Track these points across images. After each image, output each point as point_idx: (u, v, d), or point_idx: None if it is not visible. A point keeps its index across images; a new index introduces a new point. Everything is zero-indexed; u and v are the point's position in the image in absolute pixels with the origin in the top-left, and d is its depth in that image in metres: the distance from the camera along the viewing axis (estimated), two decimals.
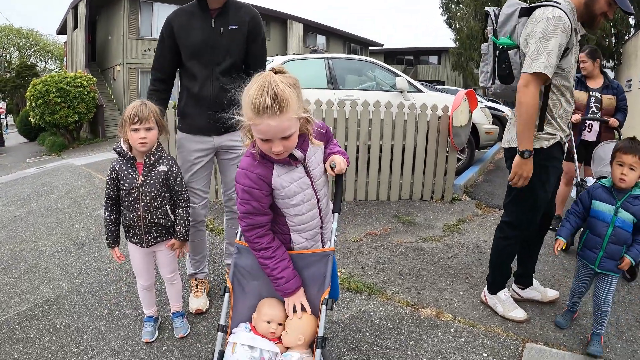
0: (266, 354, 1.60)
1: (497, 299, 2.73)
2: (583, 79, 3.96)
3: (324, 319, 1.61)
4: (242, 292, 1.77)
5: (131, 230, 2.35)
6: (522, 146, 2.24)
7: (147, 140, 2.21)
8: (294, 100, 1.42)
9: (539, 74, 2.11)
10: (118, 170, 2.29)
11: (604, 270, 2.30)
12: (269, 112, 1.38)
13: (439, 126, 4.93)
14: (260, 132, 1.44)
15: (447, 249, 3.74)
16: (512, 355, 2.32)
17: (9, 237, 4.44)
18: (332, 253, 1.71)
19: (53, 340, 2.56)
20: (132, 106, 2.21)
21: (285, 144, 1.48)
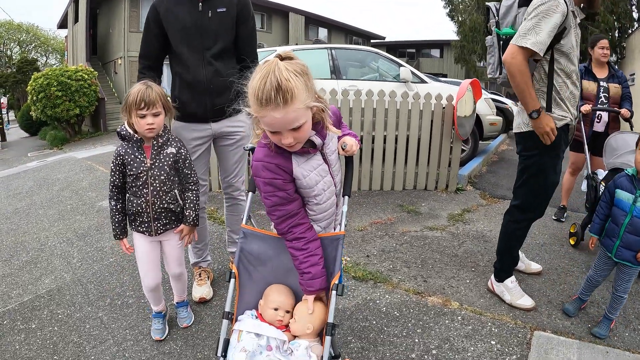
0: (273, 342, 1.55)
1: (505, 286, 2.71)
2: (590, 67, 3.90)
3: (333, 305, 1.54)
4: (249, 278, 1.72)
5: (138, 218, 2.22)
6: (529, 109, 2.25)
7: (155, 126, 2.09)
8: (300, 89, 1.31)
9: (526, 49, 2.13)
10: (124, 155, 2.15)
11: (620, 259, 2.28)
12: (272, 104, 1.29)
13: (443, 116, 4.87)
14: (266, 125, 1.37)
15: (452, 238, 3.70)
16: (520, 343, 2.29)
17: (10, 230, 4.41)
18: (342, 237, 1.66)
19: (55, 331, 2.54)
20: (137, 90, 2.06)
21: (296, 136, 1.39)
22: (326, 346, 1.48)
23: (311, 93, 1.38)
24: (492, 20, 2.47)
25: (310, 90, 1.37)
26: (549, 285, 2.90)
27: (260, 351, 1.51)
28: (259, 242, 1.72)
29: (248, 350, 1.49)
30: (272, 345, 1.54)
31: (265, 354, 1.50)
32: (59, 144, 12.12)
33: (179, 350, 2.30)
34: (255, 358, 1.49)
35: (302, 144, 1.47)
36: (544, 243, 3.60)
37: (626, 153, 3.11)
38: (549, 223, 4.07)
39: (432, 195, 4.92)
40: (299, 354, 1.51)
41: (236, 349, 1.50)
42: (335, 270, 1.61)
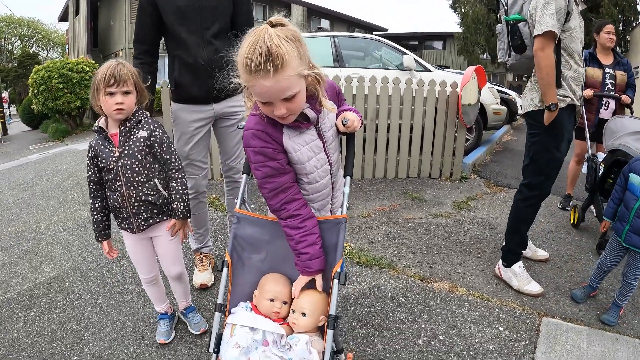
0: (270, 336, 1.42)
1: (512, 272, 2.68)
2: (595, 53, 3.82)
3: (335, 295, 1.39)
4: (242, 267, 1.59)
5: (119, 214, 2.01)
6: (549, 100, 2.38)
7: (125, 107, 1.86)
8: (292, 55, 1.21)
9: (549, 32, 2.27)
10: (95, 146, 1.95)
11: (629, 244, 2.25)
12: (262, 72, 1.19)
13: (447, 103, 4.80)
14: (257, 95, 1.28)
15: (457, 224, 3.64)
16: (528, 330, 2.25)
17: (11, 220, 4.37)
18: (344, 221, 1.51)
19: (53, 318, 2.50)
20: (107, 65, 1.85)
21: (289, 106, 1.29)
22: (328, 341, 1.36)
23: (304, 61, 1.28)
24: (502, 10, 2.62)
25: (303, 57, 1.27)
26: (556, 272, 2.86)
27: (256, 346, 1.38)
28: (253, 227, 1.59)
29: (242, 346, 1.35)
30: (268, 340, 1.41)
31: (261, 349, 1.38)
32: (60, 137, 12.06)
33: (179, 337, 2.26)
34: (251, 354, 1.35)
35: (295, 116, 1.38)
36: (550, 230, 3.56)
37: (624, 135, 3.12)
38: (555, 211, 4.03)
39: (436, 183, 4.86)
40: (299, 349, 1.38)
41: (229, 345, 1.38)
42: (337, 258, 1.46)
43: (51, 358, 2.15)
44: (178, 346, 2.19)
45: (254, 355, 1.35)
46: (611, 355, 2.08)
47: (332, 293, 1.41)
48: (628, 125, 3.17)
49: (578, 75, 2.45)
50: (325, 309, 1.47)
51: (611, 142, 3.21)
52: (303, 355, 1.37)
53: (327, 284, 1.50)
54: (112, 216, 2.06)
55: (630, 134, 3.07)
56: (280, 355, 1.37)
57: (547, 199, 2.54)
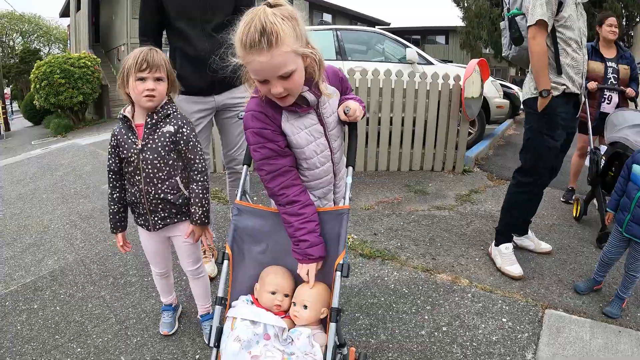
0: (271, 329, 1.38)
1: (498, 251, 2.79)
2: (597, 47, 3.78)
3: (338, 287, 1.37)
4: (243, 260, 1.56)
5: (135, 209, 1.95)
6: (541, 87, 2.47)
7: (156, 93, 1.77)
8: (287, 32, 1.22)
9: (539, 21, 2.38)
10: (117, 135, 1.87)
11: (630, 235, 2.24)
12: (257, 47, 1.20)
13: (450, 96, 4.78)
14: (254, 72, 1.29)
15: (460, 217, 3.63)
16: (532, 321, 2.25)
17: (14, 214, 4.38)
18: (347, 211, 1.49)
19: (57, 311, 2.51)
20: (139, 50, 1.77)
21: (286, 85, 1.28)
22: (331, 334, 1.33)
23: (301, 40, 1.27)
24: (505, 7, 2.74)
25: (299, 36, 1.26)
26: (559, 264, 2.85)
27: (257, 340, 1.35)
28: (254, 218, 1.56)
29: (242, 340, 1.32)
30: (269, 334, 1.37)
31: (263, 343, 1.35)
32: (62, 132, 12.08)
33: (182, 328, 2.27)
34: (251, 348, 1.32)
35: (294, 98, 1.36)
36: (553, 224, 3.55)
37: (624, 128, 3.12)
38: (558, 204, 4.01)
39: (438, 176, 4.85)
40: (301, 343, 1.35)
41: (229, 338, 1.34)
42: (340, 250, 1.44)
43: (55, 350, 2.16)
44: (181, 337, 2.19)
45: (255, 349, 1.32)
46: (614, 348, 2.07)
47: (334, 285, 1.39)
48: (629, 118, 3.17)
49: (577, 63, 2.50)
50: (327, 301, 1.45)
51: (611, 135, 3.21)
52: (305, 349, 1.35)
53: (329, 276, 1.48)
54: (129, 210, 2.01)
55: (630, 126, 3.07)
56: (281, 349, 1.35)
57: (550, 192, 2.55)
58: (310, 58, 1.33)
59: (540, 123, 2.56)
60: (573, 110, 2.63)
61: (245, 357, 1.30)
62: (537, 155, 2.62)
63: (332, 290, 1.43)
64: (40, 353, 2.14)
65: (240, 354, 1.30)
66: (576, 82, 2.53)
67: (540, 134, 2.57)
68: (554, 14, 2.41)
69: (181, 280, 2.70)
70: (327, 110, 1.50)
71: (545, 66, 2.45)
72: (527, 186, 2.70)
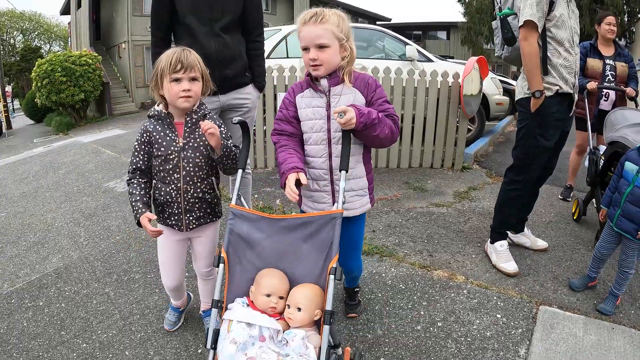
0: (266, 331, 1.43)
1: (493, 248, 2.83)
2: (596, 44, 3.81)
3: (332, 290, 1.43)
4: (239, 263, 1.61)
5: (167, 209, 1.89)
6: (533, 88, 2.49)
7: (192, 94, 1.76)
8: (332, 19, 1.67)
9: (528, 21, 2.39)
10: (152, 131, 1.81)
11: (620, 229, 2.27)
12: (308, 21, 1.67)
13: (450, 93, 4.81)
14: (301, 39, 1.69)
15: (458, 214, 3.68)
16: (525, 317, 2.29)
17: (17, 213, 4.43)
18: (339, 216, 1.54)
19: (62, 307, 2.56)
20: (172, 51, 1.75)
21: (320, 55, 1.66)
22: (324, 336, 1.39)
23: (341, 30, 1.68)
24: (497, 7, 2.75)
25: (340, 28, 1.68)
26: (554, 261, 2.89)
27: (253, 342, 1.39)
28: (248, 223, 1.62)
29: (239, 342, 1.36)
30: (265, 336, 1.42)
31: (258, 345, 1.39)
32: (64, 130, 12.12)
33: (185, 324, 2.32)
34: (247, 350, 1.37)
35: (325, 71, 1.70)
36: (550, 221, 3.58)
37: (623, 127, 3.12)
38: (555, 202, 4.04)
39: (438, 173, 4.89)
40: (295, 345, 1.40)
41: (226, 341, 1.39)
42: (333, 254, 1.50)
43: (61, 346, 2.21)
44: (184, 332, 2.25)
45: (250, 351, 1.37)
46: (606, 344, 2.09)
47: (328, 288, 1.45)
48: (628, 117, 3.17)
49: (569, 63, 2.51)
50: (320, 303, 1.50)
51: (610, 134, 3.23)
52: (300, 351, 1.39)
53: (323, 279, 1.54)
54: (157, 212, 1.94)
55: (629, 125, 3.08)
56: (277, 351, 1.40)
57: (548, 189, 2.58)
58: (347, 50, 1.70)
59: (533, 123, 2.58)
60: (567, 110, 2.64)
61: (241, 359, 1.35)
62: (529, 155, 2.65)
63: (325, 293, 1.48)
64: (46, 349, 2.20)
65: (237, 356, 1.35)
66: (569, 82, 2.53)
67: (532, 133, 2.59)
68: (545, 13, 2.41)
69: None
70: (339, 102, 1.73)
71: (537, 67, 2.46)
72: (519, 184, 2.74)
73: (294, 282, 1.58)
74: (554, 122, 2.57)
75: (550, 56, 2.49)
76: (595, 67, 3.76)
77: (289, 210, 3.65)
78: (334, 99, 1.73)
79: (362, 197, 1.87)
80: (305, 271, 1.58)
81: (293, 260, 1.60)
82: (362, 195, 1.87)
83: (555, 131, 2.62)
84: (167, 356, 2.08)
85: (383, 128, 1.68)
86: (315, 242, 1.57)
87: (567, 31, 2.48)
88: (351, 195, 1.83)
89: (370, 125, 1.63)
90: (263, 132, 5.00)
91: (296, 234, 1.59)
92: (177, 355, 2.09)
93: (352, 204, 1.84)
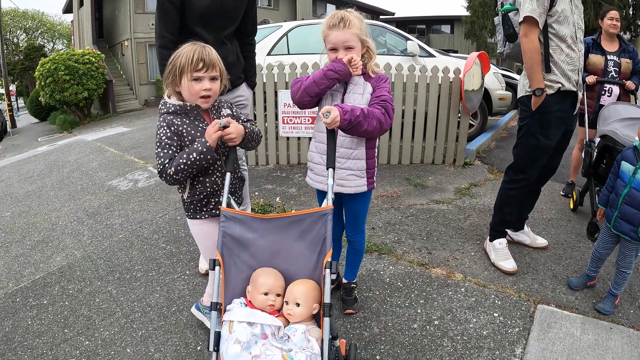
0: (268, 329, 1.47)
1: (492, 246, 2.83)
2: (599, 40, 3.78)
3: (328, 284, 1.49)
4: (234, 265, 1.64)
5: (213, 199, 1.87)
6: (534, 85, 2.46)
7: (211, 93, 1.74)
8: (355, 23, 1.90)
9: (528, 17, 2.37)
10: (179, 124, 1.75)
11: (618, 231, 2.26)
12: (336, 27, 1.89)
13: (451, 89, 4.80)
14: (329, 42, 1.92)
15: (458, 211, 3.68)
16: (523, 316, 2.29)
17: (22, 212, 4.48)
18: (329, 212, 1.60)
19: (66, 305, 2.60)
20: (192, 48, 1.69)
21: (348, 54, 1.88)
22: (325, 328, 1.42)
23: (363, 32, 1.92)
24: (499, 2, 2.74)
25: (362, 30, 1.92)
26: (554, 259, 2.88)
27: (255, 340, 1.43)
28: (240, 225, 1.65)
29: (242, 342, 1.40)
30: (267, 333, 1.46)
31: (261, 342, 1.43)
32: (68, 128, 12.20)
33: (185, 321, 2.35)
34: (251, 349, 1.40)
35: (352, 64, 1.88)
36: (550, 218, 3.57)
37: (614, 121, 3.15)
38: (557, 198, 4.03)
39: (439, 169, 4.89)
40: (297, 339, 1.44)
41: (229, 341, 1.41)
42: (327, 248, 1.56)
43: (64, 343, 2.25)
44: (184, 330, 2.28)
45: (255, 350, 1.40)
46: (604, 344, 2.09)
47: (324, 282, 1.49)
48: (620, 111, 3.19)
49: (572, 60, 2.46)
50: (318, 297, 1.55)
51: (602, 128, 3.24)
52: (302, 345, 1.43)
53: (317, 274, 1.59)
54: (196, 208, 1.89)
55: (619, 120, 3.10)
56: (279, 347, 1.44)
57: (550, 185, 2.57)
58: (367, 47, 1.96)
59: (534, 121, 2.54)
60: (570, 108, 2.58)
61: (246, 358, 1.38)
62: (529, 154, 2.62)
63: (322, 287, 1.52)
64: (50, 347, 2.24)
65: (242, 356, 1.38)
66: (572, 80, 2.48)
67: (533, 132, 2.56)
68: (546, 9, 2.37)
69: (184, 274, 2.79)
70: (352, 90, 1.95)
71: (538, 64, 2.42)
72: (519, 183, 2.72)
73: (289, 279, 1.63)
74: (556, 121, 2.53)
75: (552, 53, 2.45)
76: (596, 63, 3.73)
77: (289, 208, 3.67)
78: (350, 87, 1.97)
79: (359, 179, 2.01)
80: (300, 267, 1.64)
81: (287, 258, 1.65)
82: (359, 176, 2.01)
83: (557, 130, 2.58)
84: (168, 353, 2.12)
85: (370, 121, 1.82)
86: (308, 239, 1.62)
87: (570, 27, 2.43)
88: (347, 173, 1.99)
89: (355, 122, 1.78)
90: (265, 129, 5.01)
91: (288, 232, 1.65)
92: (177, 352, 2.12)
93: (347, 181, 1.99)
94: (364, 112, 1.80)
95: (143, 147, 6.98)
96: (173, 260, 2.99)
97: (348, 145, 1.97)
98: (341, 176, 1.98)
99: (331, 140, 1.78)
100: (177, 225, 3.57)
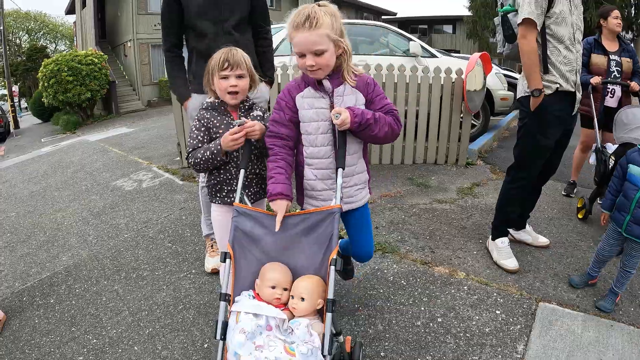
0: (272, 321, 1.53)
1: (494, 245, 2.85)
2: (600, 40, 3.78)
3: (332, 280, 1.54)
4: (244, 258, 1.70)
5: (226, 187, 2.03)
6: (532, 86, 2.48)
7: (238, 89, 1.93)
8: (326, 21, 1.61)
9: (527, 20, 2.39)
10: (209, 118, 1.98)
11: (630, 235, 2.25)
12: (301, 27, 1.60)
13: (453, 90, 4.82)
14: (296, 46, 1.64)
15: (461, 210, 3.70)
16: (525, 314, 2.32)
17: (27, 212, 4.52)
18: (338, 211, 1.65)
19: (72, 304, 2.63)
20: (221, 51, 1.95)
21: (317, 60, 1.63)
22: (327, 323, 1.47)
23: (335, 31, 1.64)
24: (499, 3, 2.76)
25: (334, 28, 1.64)
26: (556, 258, 2.90)
27: (260, 331, 1.49)
28: (252, 220, 1.71)
29: (247, 332, 1.46)
30: (271, 325, 1.52)
31: (265, 334, 1.49)
32: (72, 128, 12.26)
33: (192, 319, 2.38)
34: (255, 339, 1.46)
35: (324, 73, 1.69)
36: (552, 217, 3.59)
37: (637, 128, 3.09)
38: (559, 198, 4.05)
39: (441, 169, 4.91)
40: (300, 332, 1.50)
41: (235, 331, 1.48)
42: (333, 246, 1.61)
43: (72, 342, 2.28)
44: (191, 328, 2.31)
45: (259, 340, 1.46)
46: (604, 342, 2.11)
47: (329, 278, 1.55)
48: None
49: (570, 61, 2.48)
50: (322, 293, 1.60)
51: (622, 135, 3.18)
52: (304, 338, 1.48)
53: (324, 270, 1.64)
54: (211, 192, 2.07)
55: None
56: (283, 339, 1.48)
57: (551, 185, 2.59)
58: (342, 48, 1.68)
59: (533, 122, 2.57)
60: (569, 108, 2.60)
61: (250, 347, 1.44)
62: (529, 153, 2.66)
63: (327, 283, 1.57)
64: (57, 345, 2.27)
65: (246, 345, 1.44)
66: (570, 80, 2.50)
67: (532, 132, 2.60)
68: (544, 10, 2.39)
69: (190, 273, 2.82)
70: (342, 102, 1.75)
71: (536, 65, 2.45)
72: (519, 182, 2.75)
73: (297, 274, 1.68)
74: (554, 121, 2.56)
75: (550, 54, 2.47)
76: (599, 63, 3.71)
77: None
78: (337, 100, 1.75)
79: (364, 190, 1.98)
80: (307, 263, 1.69)
81: (295, 254, 1.70)
82: (363, 187, 1.98)
83: (556, 130, 2.60)
84: (175, 351, 2.15)
85: (382, 127, 1.75)
86: (315, 236, 1.67)
87: (568, 28, 2.45)
88: (355, 189, 1.92)
89: (365, 125, 1.71)
90: None
91: (297, 229, 1.70)
92: (185, 349, 2.15)
93: (357, 196, 1.93)
94: (374, 117, 1.73)
95: (147, 147, 7.02)
96: (179, 259, 3.02)
97: (350, 163, 1.84)
98: (349, 194, 1.88)
99: (342, 141, 1.76)
100: (183, 225, 3.60)
